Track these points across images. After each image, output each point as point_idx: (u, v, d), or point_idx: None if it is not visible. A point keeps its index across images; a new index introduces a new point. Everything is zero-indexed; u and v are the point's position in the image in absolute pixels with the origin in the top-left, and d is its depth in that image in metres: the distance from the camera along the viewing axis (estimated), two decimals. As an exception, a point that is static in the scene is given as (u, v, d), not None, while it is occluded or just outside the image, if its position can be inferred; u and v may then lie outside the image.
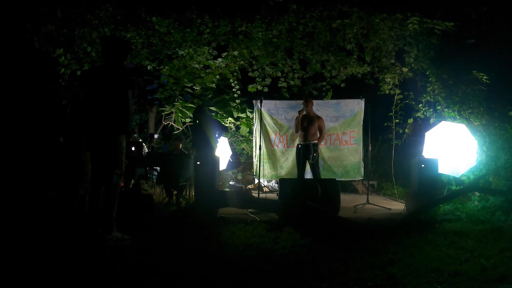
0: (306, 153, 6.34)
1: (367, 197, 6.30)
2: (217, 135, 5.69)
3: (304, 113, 6.51)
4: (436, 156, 5.56)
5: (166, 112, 8.55)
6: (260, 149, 7.30)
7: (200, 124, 5.61)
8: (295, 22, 6.90)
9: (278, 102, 8.27)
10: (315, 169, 6.38)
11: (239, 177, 8.76)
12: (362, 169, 8.03)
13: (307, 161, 6.40)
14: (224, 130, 5.62)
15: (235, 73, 7.79)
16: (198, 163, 5.26)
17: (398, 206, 6.18)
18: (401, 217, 5.21)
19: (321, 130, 6.44)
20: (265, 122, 8.15)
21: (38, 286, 2.62)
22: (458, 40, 6.37)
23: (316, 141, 6.37)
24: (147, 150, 6.66)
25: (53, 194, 5.33)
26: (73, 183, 5.33)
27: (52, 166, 5.55)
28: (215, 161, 5.45)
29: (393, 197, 7.39)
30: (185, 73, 7.43)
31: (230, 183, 8.39)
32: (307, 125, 6.41)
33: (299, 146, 6.53)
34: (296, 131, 6.69)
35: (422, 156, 5.74)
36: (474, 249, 3.44)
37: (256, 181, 8.04)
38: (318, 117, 6.52)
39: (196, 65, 7.40)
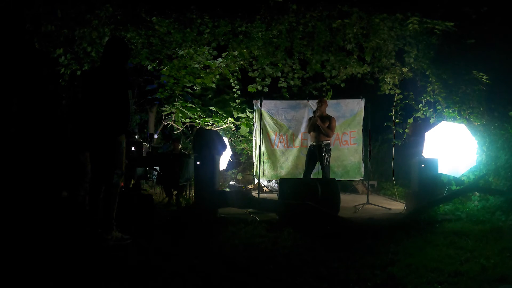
0: (318, 153, 6.29)
1: (367, 197, 6.30)
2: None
3: (318, 114, 6.40)
4: (436, 156, 5.56)
5: (166, 112, 8.56)
6: (260, 149, 7.30)
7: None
8: (295, 22, 6.89)
9: (278, 102, 8.27)
10: (325, 169, 6.26)
11: (239, 177, 8.77)
12: (362, 169, 8.04)
13: (318, 162, 6.32)
14: (224, 148, 5.62)
15: (235, 73, 7.78)
16: (198, 163, 5.26)
17: (398, 206, 6.18)
18: (401, 217, 5.21)
19: (331, 128, 6.30)
20: (265, 122, 8.15)
21: (38, 287, 2.62)
22: (458, 40, 6.36)
23: (328, 142, 6.29)
24: (148, 146, 6.63)
25: (55, 195, 5.32)
26: (73, 183, 5.31)
27: (53, 167, 5.53)
28: (215, 161, 5.45)
29: (393, 197, 7.39)
30: (185, 73, 7.42)
31: (230, 183, 8.40)
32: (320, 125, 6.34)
33: (311, 147, 6.47)
34: (309, 132, 6.59)
35: (422, 156, 5.75)
36: (474, 249, 3.44)
37: (256, 181, 8.04)
38: (330, 117, 6.43)
39: (196, 65, 7.39)
